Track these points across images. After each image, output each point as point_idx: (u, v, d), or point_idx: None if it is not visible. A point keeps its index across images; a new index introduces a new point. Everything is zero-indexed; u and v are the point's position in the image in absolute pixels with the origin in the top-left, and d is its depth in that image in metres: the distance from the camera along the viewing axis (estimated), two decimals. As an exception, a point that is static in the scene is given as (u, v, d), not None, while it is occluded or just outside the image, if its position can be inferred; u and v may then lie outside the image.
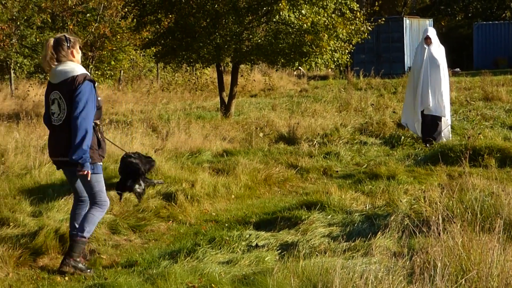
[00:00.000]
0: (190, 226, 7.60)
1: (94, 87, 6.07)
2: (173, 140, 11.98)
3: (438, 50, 12.23)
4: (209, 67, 19.48)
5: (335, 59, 15.69)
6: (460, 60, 39.65)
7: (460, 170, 9.41)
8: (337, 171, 10.42)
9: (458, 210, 6.31)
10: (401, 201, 7.66)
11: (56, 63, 6.05)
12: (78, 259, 6.07)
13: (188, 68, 26.64)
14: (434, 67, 12.06)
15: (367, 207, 7.63)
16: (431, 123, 12.14)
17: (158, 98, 22.72)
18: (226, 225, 7.51)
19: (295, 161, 10.70)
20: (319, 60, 15.42)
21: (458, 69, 33.38)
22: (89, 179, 5.99)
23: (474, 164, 9.88)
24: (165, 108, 19.65)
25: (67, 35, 6.14)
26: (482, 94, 19.77)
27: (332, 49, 15.32)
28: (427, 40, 12.15)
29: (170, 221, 7.74)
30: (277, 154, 11.35)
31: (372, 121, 14.29)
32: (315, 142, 12.40)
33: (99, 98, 6.21)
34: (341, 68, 30.98)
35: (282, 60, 15.88)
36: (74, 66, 6.06)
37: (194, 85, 24.16)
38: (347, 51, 16.04)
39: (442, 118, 12.18)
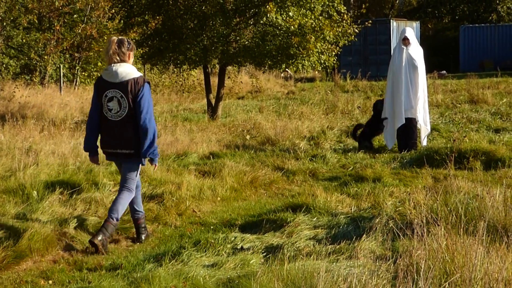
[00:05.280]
0: (175, 229, 7.54)
1: (150, 87, 6.90)
2: (159, 142, 11.88)
3: (416, 51, 11.95)
4: (196, 69, 19.45)
5: (322, 61, 15.69)
6: (447, 63, 39.85)
7: (445, 173, 9.44)
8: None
9: (443, 213, 6.32)
10: (386, 204, 7.69)
11: (116, 60, 6.73)
12: (106, 237, 6.75)
13: (175, 69, 26.54)
14: (413, 68, 11.77)
15: (353, 210, 7.65)
16: (408, 127, 11.79)
17: (145, 100, 22.60)
18: (212, 227, 7.45)
19: (281, 163, 10.72)
20: (306, 62, 15.42)
21: (444, 71, 33.49)
22: (138, 174, 6.93)
23: (459, 166, 9.99)
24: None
25: (128, 39, 6.92)
26: (468, 97, 19.78)
27: (319, 51, 15.32)
28: (405, 41, 11.83)
29: (156, 224, 7.69)
30: (263, 156, 11.35)
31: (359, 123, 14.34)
32: (301, 144, 12.35)
33: None
34: (328, 70, 30.97)
35: (269, 62, 15.85)
36: (132, 68, 6.80)
37: (181, 86, 24.07)
38: (334, 53, 16.04)
39: (421, 125, 11.94)
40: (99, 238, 6.68)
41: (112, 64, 6.75)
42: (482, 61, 37.74)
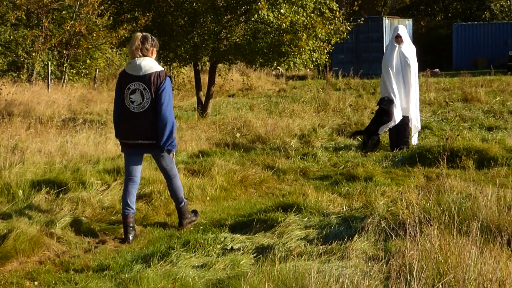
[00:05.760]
0: (164, 229, 7.53)
1: (171, 81, 7.31)
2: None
3: (409, 49, 11.89)
4: (186, 66, 19.43)
5: (314, 59, 15.66)
6: (440, 61, 39.99)
7: (437, 172, 9.44)
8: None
9: (435, 213, 6.30)
10: (378, 203, 7.67)
11: (138, 56, 7.06)
12: (189, 216, 7.57)
13: (165, 67, 26.44)
14: (406, 67, 11.74)
15: (344, 209, 7.62)
16: (400, 126, 11.84)
17: (135, 98, 22.55)
18: (201, 227, 7.37)
19: (271, 162, 10.70)
20: (298, 60, 15.39)
21: (437, 69, 33.55)
22: (172, 159, 7.34)
23: (452, 165, 9.97)
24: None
25: (151, 36, 7.24)
26: (461, 95, 19.94)
27: (311, 49, 15.29)
28: (398, 38, 11.78)
29: (144, 224, 7.65)
30: (253, 155, 11.32)
31: (350, 122, 14.35)
32: (292, 143, 12.32)
33: None
34: (320, 68, 31.06)
35: (261, 60, 15.82)
36: (155, 62, 7.14)
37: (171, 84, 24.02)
38: (326, 51, 16.01)
39: (412, 122, 11.97)
40: (184, 222, 7.49)
41: (136, 58, 7.08)
42: (475, 59, 37.86)
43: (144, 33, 7.25)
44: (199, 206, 8.45)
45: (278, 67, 18.84)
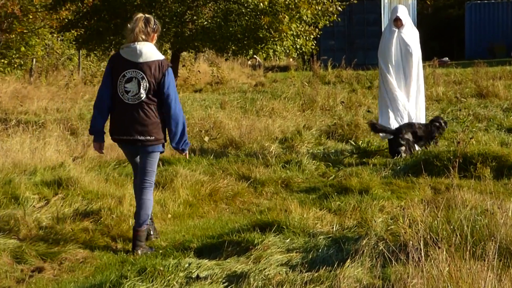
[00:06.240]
0: (115, 253, 7.43)
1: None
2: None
3: (410, 34, 11.95)
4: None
5: (298, 47, 15.67)
6: (449, 48, 40.12)
7: (447, 183, 9.47)
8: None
9: (444, 232, 6.31)
10: (375, 221, 7.69)
11: (141, 39, 7.28)
12: (145, 246, 7.53)
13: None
14: (407, 55, 11.83)
15: (335, 229, 7.63)
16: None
17: (79, 94, 22.54)
18: (161, 251, 7.37)
19: (247, 171, 10.71)
20: (278, 47, 15.38)
21: (447, 58, 33.60)
22: (156, 165, 7.56)
23: (465, 174, 10.03)
24: (88, 106, 19.40)
25: (154, 18, 7.56)
26: (475, 90, 20.02)
27: (294, 34, 15.30)
28: (397, 21, 11.84)
29: (91, 248, 7.58)
30: (225, 163, 11.32)
31: (342, 122, 14.35)
32: (272, 148, 12.35)
33: None
34: (305, 57, 31.06)
35: (234, 47, 15.80)
36: (156, 49, 7.41)
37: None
38: (312, 36, 16.02)
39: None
40: (139, 252, 7.39)
41: (136, 42, 7.30)
42: (492, 45, 38.03)
43: (146, 15, 7.49)
44: (159, 226, 8.42)
45: (255, 56, 18.85)
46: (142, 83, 7.23)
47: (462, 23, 40.59)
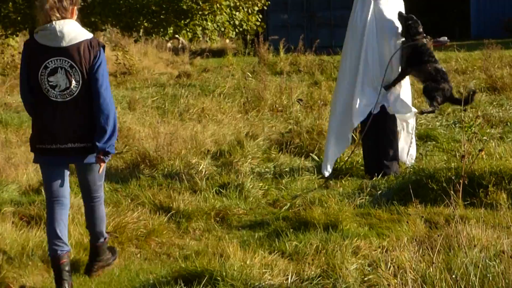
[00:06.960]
0: None
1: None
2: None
3: (390, 6, 11.91)
4: (17, 35, 19.49)
5: (237, 23, 15.72)
6: (449, 24, 40.50)
7: (447, 213, 9.58)
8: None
9: (444, 283, 6.59)
10: (347, 269, 7.86)
11: (55, 18, 7.50)
12: (105, 257, 8.55)
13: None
14: (385, 33, 11.92)
15: (290, 280, 7.76)
16: (380, 132, 11.87)
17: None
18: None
19: (167, 200, 10.75)
20: (209, 23, 15.39)
21: (445, 38, 33.80)
22: (103, 173, 8.01)
23: (472, 202, 10.07)
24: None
25: None
26: (485, 81, 19.72)
27: (231, 5, 15.17)
28: None
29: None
30: (135, 188, 11.38)
31: (301, 128, 14.35)
32: (202, 166, 12.16)
33: None
34: (248, 38, 31.27)
35: (146, 24, 15.68)
36: (80, 27, 7.59)
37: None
38: (256, 8, 15.99)
39: (401, 129, 12.08)
40: (95, 266, 8.44)
41: (53, 22, 7.38)
42: (506, 20, 38.56)
43: None
44: (41, 278, 8.40)
45: (176, 36, 19.17)
46: (72, 74, 7.42)
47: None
